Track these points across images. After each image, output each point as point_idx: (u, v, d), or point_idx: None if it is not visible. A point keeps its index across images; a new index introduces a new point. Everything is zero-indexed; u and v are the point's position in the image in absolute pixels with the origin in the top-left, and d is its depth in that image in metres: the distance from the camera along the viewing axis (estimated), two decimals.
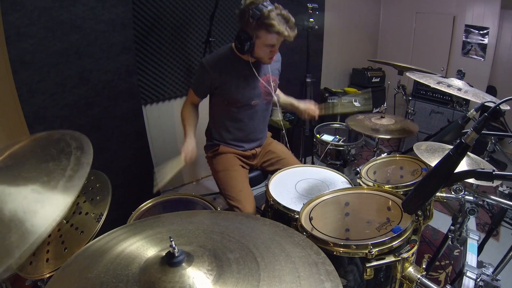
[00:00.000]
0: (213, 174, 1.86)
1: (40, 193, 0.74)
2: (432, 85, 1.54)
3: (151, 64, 2.47)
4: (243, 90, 1.67)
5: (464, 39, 3.54)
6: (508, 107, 1.47)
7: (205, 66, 1.63)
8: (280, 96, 1.92)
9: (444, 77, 1.68)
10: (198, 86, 1.73)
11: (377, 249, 0.97)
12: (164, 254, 0.70)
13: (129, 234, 0.86)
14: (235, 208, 1.62)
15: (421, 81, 1.59)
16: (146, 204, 1.47)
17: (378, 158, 1.66)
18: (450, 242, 1.48)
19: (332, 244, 1.01)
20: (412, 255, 1.03)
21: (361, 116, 2.12)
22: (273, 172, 1.76)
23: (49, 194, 0.74)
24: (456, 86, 1.57)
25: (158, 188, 1.48)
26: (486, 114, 0.83)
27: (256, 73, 1.67)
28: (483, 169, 0.81)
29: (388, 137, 1.91)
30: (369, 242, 0.98)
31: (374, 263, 0.98)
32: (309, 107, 1.83)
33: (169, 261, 0.67)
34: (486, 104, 1.18)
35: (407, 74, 1.77)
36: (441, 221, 2.30)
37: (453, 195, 1.31)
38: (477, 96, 1.51)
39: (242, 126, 1.77)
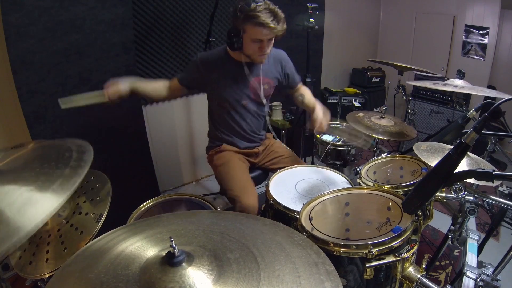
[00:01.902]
0: (214, 171, 1.86)
1: (32, 194, 0.76)
2: (429, 86, 1.54)
3: (151, 64, 2.47)
4: (230, 90, 1.68)
5: (464, 39, 3.54)
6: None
7: (197, 61, 1.66)
8: (305, 96, 1.88)
9: (443, 79, 1.68)
10: (185, 75, 1.74)
11: (377, 249, 0.97)
12: (164, 254, 0.69)
13: (129, 234, 0.86)
14: (236, 198, 1.58)
15: (418, 84, 1.60)
16: (146, 204, 1.47)
17: (378, 158, 1.66)
18: (450, 242, 1.48)
19: (332, 244, 1.01)
20: (412, 255, 1.03)
21: (361, 114, 2.12)
22: (274, 171, 1.76)
23: (40, 196, 0.76)
24: (452, 84, 1.57)
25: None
26: (486, 114, 0.83)
27: (246, 74, 1.67)
28: (483, 169, 0.81)
29: (386, 138, 1.91)
30: (369, 242, 0.98)
31: (374, 263, 0.98)
32: (320, 120, 1.70)
33: (169, 261, 0.67)
34: (487, 102, 1.18)
35: (408, 82, 1.77)
36: (441, 221, 2.30)
37: (453, 195, 1.31)
38: (473, 89, 1.50)
39: (235, 125, 1.78)
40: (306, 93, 1.92)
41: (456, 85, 1.57)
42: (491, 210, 2.44)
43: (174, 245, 0.67)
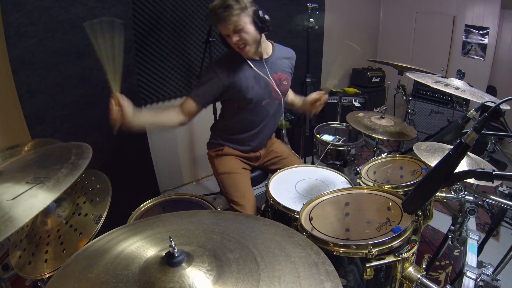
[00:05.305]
0: (215, 174, 1.85)
1: (30, 189, 0.81)
2: (430, 84, 1.54)
3: (151, 64, 2.47)
4: (252, 90, 1.61)
5: (464, 39, 3.54)
6: (508, 107, 1.47)
7: (214, 69, 1.56)
8: (289, 95, 1.89)
9: (444, 77, 1.68)
10: (201, 91, 1.57)
11: (377, 249, 0.97)
12: (164, 254, 0.69)
13: (129, 234, 0.86)
14: (236, 207, 1.63)
15: (420, 80, 1.59)
16: (146, 204, 1.47)
17: (378, 158, 1.66)
18: (450, 242, 1.49)
19: (332, 244, 1.01)
20: (412, 255, 1.03)
21: (361, 114, 2.12)
22: (274, 171, 1.75)
23: (35, 192, 0.80)
24: (454, 85, 1.57)
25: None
26: (486, 114, 0.83)
27: (265, 72, 1.64)
28: (483, 169, 0.81)
29: (386, 138, 1.91)
30: (369, 242, 0.98)
31: (374, 263, 0.98)
32: (314, 94, 1.70)
33: (169, 261, 0.67)
34: (486, 104, 1.18)
35: (407, 74, 1.77)
36: (441, 221, 2.30)
37: (453, 195, 1.31)
38: (474, 95, 1.50)
39: (253, 127, 1.73)
40: (290, 93, 1.93)
41: (457, 86, 1.56)
42: (491, 210, 2.44)
43: (173, 245, 0.67)
